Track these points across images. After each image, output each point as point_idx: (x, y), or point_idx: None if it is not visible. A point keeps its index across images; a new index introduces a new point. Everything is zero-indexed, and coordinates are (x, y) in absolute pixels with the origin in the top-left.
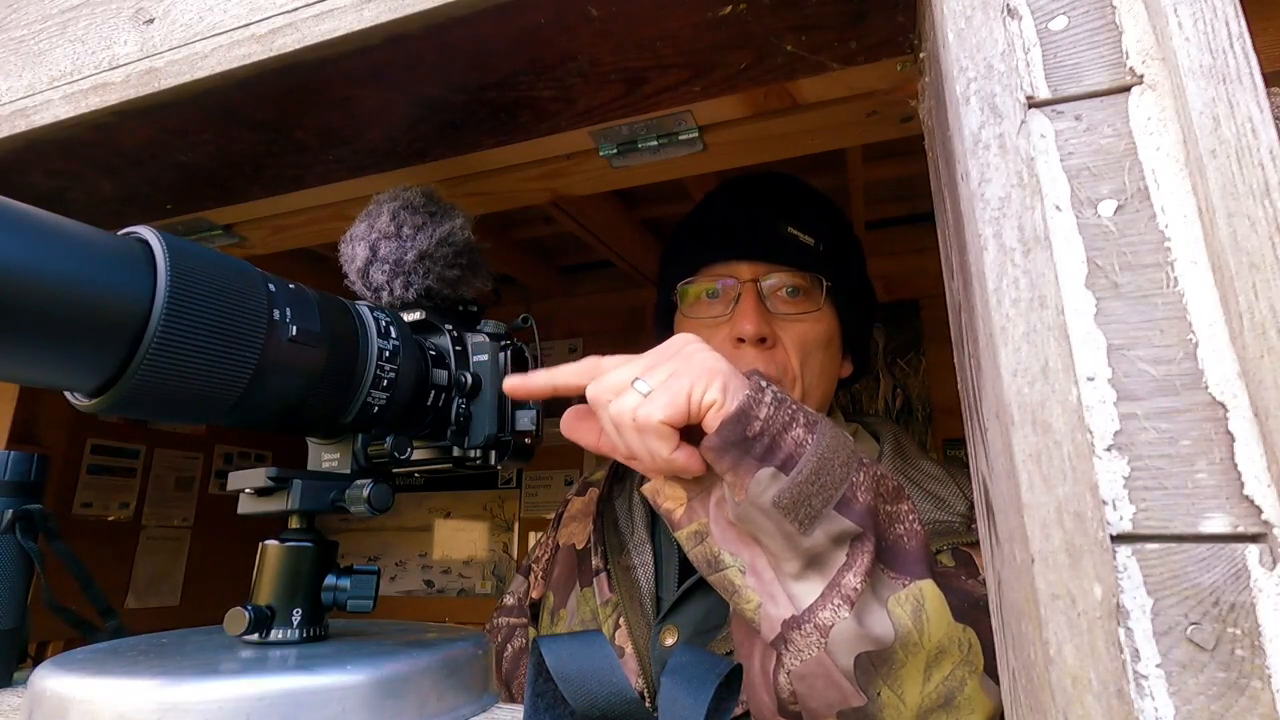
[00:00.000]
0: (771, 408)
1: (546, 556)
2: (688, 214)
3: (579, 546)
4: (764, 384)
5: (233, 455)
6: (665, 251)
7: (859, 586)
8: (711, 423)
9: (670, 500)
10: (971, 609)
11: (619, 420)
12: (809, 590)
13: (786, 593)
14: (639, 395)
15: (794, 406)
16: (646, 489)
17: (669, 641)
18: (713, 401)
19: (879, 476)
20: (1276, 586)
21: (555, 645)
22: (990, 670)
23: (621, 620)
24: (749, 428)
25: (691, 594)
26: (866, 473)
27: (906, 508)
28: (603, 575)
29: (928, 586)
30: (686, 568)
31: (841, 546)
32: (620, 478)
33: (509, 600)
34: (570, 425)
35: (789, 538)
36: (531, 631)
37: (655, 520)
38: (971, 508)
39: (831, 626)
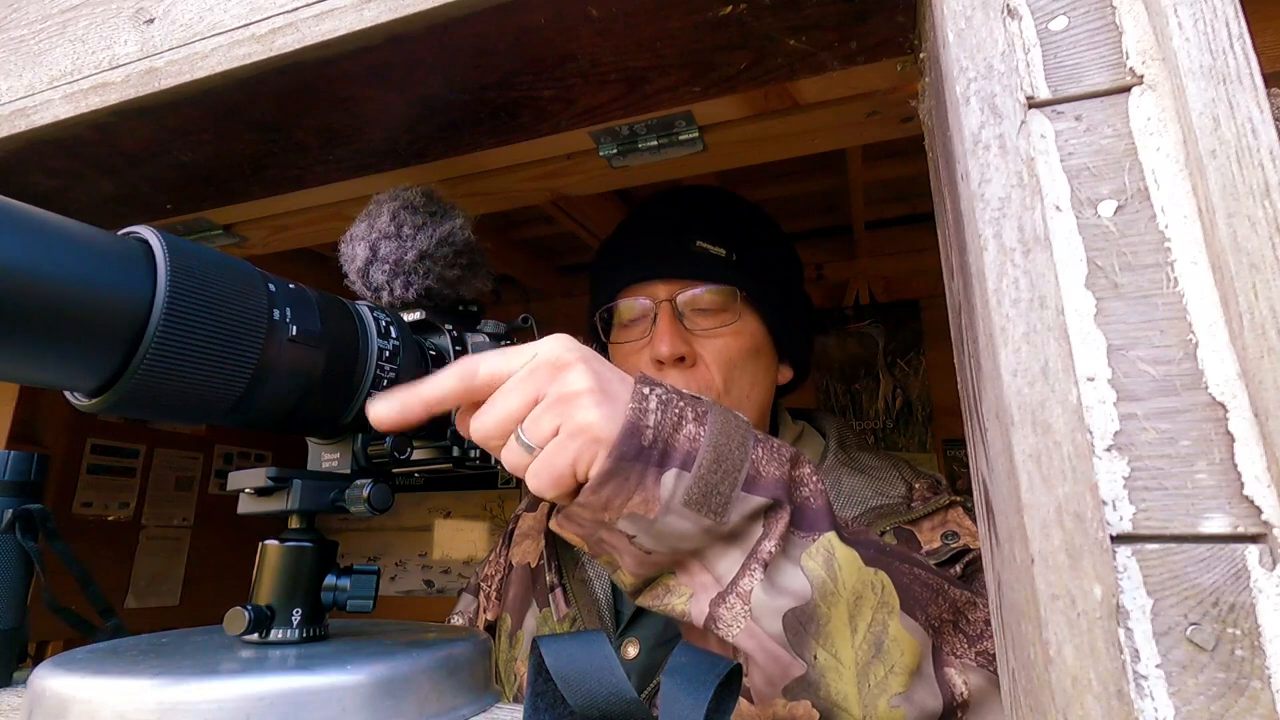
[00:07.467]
0: (658, 413)
1: (499, 576)
2: (604, 239)
3: (533, 565)
4: (646, 390)
5: (233, 455)
6: (590, 278)
7: (774, 549)
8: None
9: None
10: (880, 554)
11: (514, 469)
12: (731, 564)
13: (713, 575)
14: (526, 454)
15: (681, 403)
16: (553, 524)
17: (631, 653)
18: (599, 471)
19: (777, 447)
20: (1276, 587)
21: (555, 645)
22: (907, 608)
23: None
24: (642, 439)
25: None
26: (764, 447)
27: (808, 471)
28: (558, 590)
29: (834, 537)
30: None
31: (757, 520)
32: None
33: (456, 620)
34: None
35: (709, 531)
36: None
37: None
38: (910, 490)
39: (750, 591)
